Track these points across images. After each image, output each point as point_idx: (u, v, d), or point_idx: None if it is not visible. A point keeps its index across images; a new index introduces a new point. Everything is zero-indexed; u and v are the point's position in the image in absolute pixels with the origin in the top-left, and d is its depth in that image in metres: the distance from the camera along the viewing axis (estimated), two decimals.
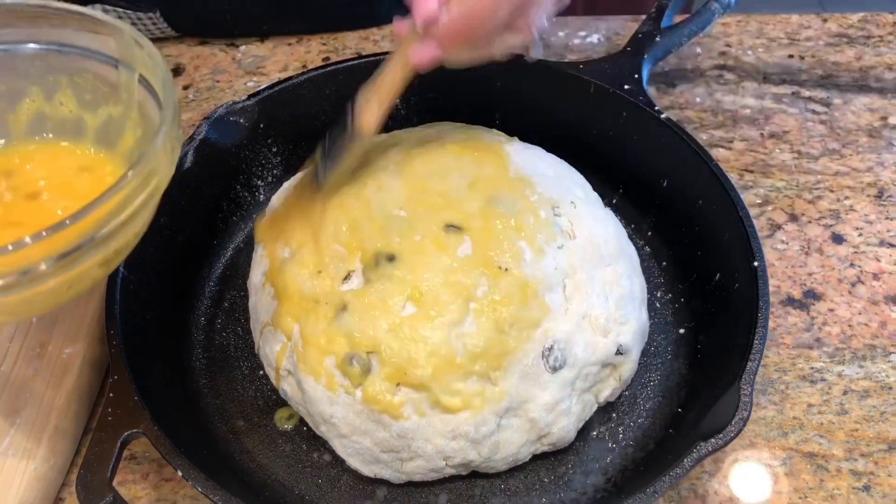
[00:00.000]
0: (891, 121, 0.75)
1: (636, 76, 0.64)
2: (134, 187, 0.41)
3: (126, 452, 0.51)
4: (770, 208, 0.69)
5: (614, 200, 0.66)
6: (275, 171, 0.68)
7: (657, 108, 0.62)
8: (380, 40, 0.84)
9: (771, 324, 0.60)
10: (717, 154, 0.72)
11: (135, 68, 0.48)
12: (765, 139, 0.74)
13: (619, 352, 0.53)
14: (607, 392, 0.54)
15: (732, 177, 0.68)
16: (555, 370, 0.50)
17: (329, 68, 0.66)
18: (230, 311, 0.62)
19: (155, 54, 0.47)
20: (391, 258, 0.51)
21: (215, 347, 0.60)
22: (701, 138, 0.73)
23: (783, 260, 0.65)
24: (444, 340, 0.48)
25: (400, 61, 0.52)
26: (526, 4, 0.50)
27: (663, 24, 0.69)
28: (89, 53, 0.50)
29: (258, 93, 0.65)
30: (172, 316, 0.60)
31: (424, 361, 0.48)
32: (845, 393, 0.57)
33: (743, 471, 0.54)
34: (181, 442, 0.47)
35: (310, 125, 0.67)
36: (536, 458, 0.53)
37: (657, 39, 0.68)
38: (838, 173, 0.71)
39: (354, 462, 0.52)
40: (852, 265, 0.65)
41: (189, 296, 0.63)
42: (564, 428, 0.51)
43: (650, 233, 0.65)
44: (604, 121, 0.65)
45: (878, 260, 0.65)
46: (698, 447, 0.45)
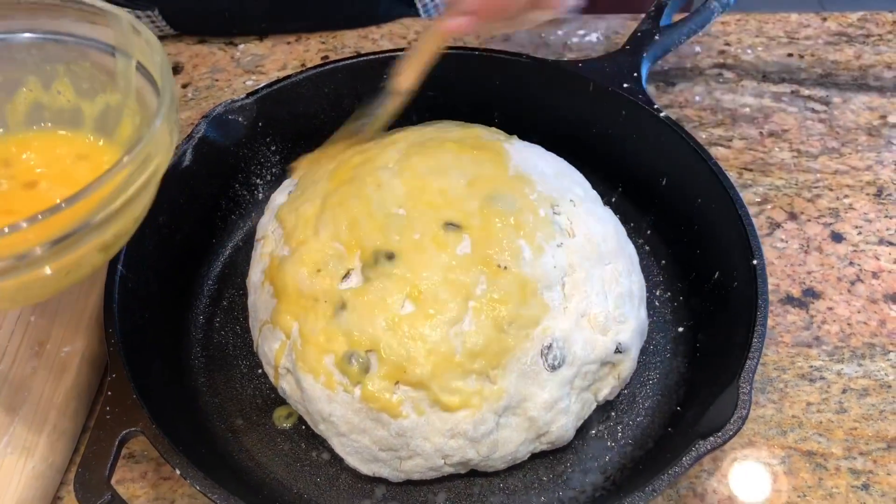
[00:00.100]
0: (890, 119, 0.75)
1: (635, 75, 0.64)
2: (131, 171, 0.41)
3: (124, 451, 0.51)
4: (769, 207, 0.68)
5: (613, 199, 0.66)
6: (273, 170, 0.68)
7: (656, 107, 0.62)
8: (379, 39, 0.84)
9: (770, 322, 0.60)
10: (717, 152, 0.72)
11: (132, 56, 0.48)
12: (764, 138, 0.74)
13: (618, 350, 0.53)
14: (606, 390, 0.54)
15: (731, 175, 0.68)
16: (554, 368, 0.50)
17: (328, 67, 0.66)
18: (229, 310, 0.62)
19: (152, 40, 0.46)
20: (390, 256, 0.51)
21: (214, 346, 0.60)
22: (700, 137, 0.73)
23: (782, 258, 0.65)
24: (443, 339, 0.48)
25: (433, 33, 0.56)
26: None
27: (662, 23, 0.69)
28: (86, 42, 0.50)
29: (257, 91, 0.65)
30: (171, 314, 0.60)
31: (423, 360, 0.48)
32: (844, 391, 0.57)
33: (742, 469, 0.54)
34: (179, 440, 0.47)
35: (308, 124, 0.67)
36: (535, 457, 0.53)
37: (656, 38, 0.68)
38: (837, 172, 0.71)
39: (353, 460, 0.52)
40: (851, 264, 0.65)
41: (188, 294, 0.63)
42: (563, 426, 0.51)
43: (649, 231, 0.65)
44: (603, 119, 0.65)
45: (878, 258, 0.65)
46: (697, 446, 0.45)
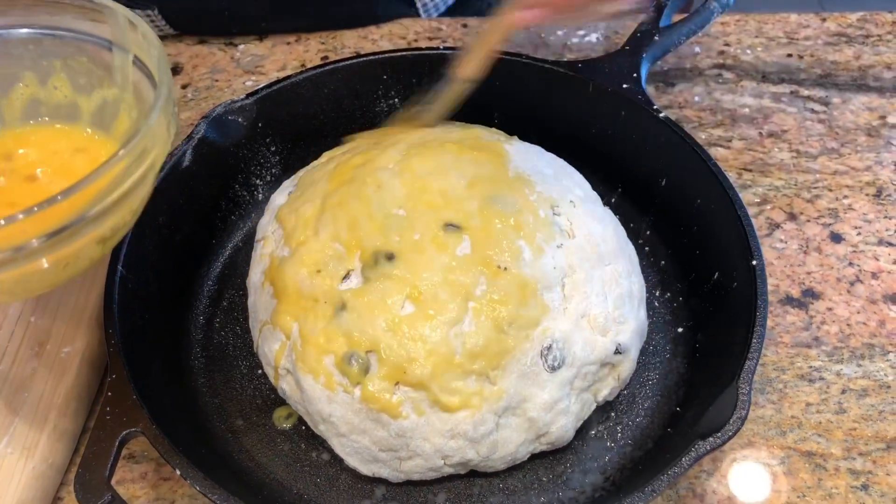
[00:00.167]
0: (889, 120, 0.75)
1: (635, 75, 0.64)
2: (127, 164, 0.41)
3: (124, 451, 0.51)
4: (769, 207, 0.69)
5: (613, 199, 0.66)
6: (273, 171, 0.68)
7: (656, 107, 0.62)
8: (378, 39, 0.84)
9: (769, 323, 0.60)
10: (716, 153, 0.72)
11: (129, 50, 0.48)
12: (763, 138, 0.74)
13: (618, 351, 0.53)
14: (606, 391, 0.54)
15: (731, 176, 0.68)
16: (553, 369, 0.50)
17: (327, 67, 0.66)
18: (229, 311, 0.62)
19: (149, 34, 0.46)
20: (390, 257, 0.51)
21: (214, 346, 0.60)
22: (700, 137, 0.73)
23: (782, 259, 0.65)
24: (443, 339, 0.48)
25: (498, 24, 0.55)
26: None
27: (662, 24, 0.69)
28: (83, 37, 0.50)
29: (257, 92, 0.64)
30: (171, 315, 0.60)
31: (423, 360, 0.48)
32: (844, 392, 0.57)
33: (741, 470, 0.54)
34: (179, 441, 0.47)
35: (308, 124, 0.67)
36: (535, 458, 0.53)
37: (656, 38, 0.68)
38: (837, 172, 0.71)
39: (353, 461, 0.52)
40: (851, 264, 0.65)
41: (188, 295, 0.63)
42: (563, 427, 0.51)
43: (649, 232, 0.65)
44: (603, 120, 0.65)
45: (877, 259, 0.65)
46: (696, 446, 0.45)
